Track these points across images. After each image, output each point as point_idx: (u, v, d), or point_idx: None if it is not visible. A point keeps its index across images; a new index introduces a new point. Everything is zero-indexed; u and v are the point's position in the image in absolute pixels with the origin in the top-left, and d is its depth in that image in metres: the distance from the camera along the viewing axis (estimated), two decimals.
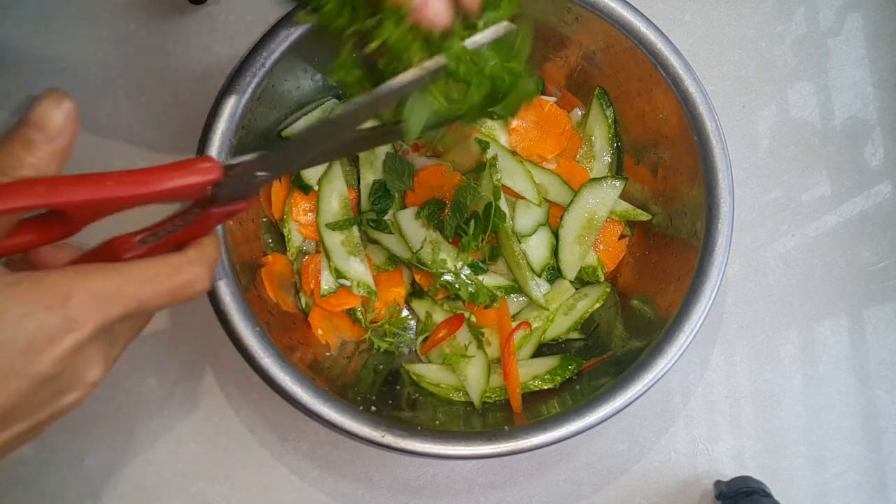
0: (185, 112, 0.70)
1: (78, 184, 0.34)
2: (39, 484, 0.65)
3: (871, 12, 0.77)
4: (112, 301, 0.34)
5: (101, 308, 0.33)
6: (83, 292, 0.33)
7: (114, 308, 0.34)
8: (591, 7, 0.60)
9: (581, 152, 0.70)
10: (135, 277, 0.35)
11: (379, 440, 0.54)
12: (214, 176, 0.37)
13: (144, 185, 0.35)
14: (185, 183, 0.36)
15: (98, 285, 0.34)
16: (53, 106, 0.36)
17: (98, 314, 0.33)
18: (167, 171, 0.36)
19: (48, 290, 0.32)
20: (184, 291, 0.38)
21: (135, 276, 0.35)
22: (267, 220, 0.66)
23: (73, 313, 0.32)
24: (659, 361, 0.57)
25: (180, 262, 0.38)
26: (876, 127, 0.76)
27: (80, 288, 0.33)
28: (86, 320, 0.33)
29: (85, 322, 0.33)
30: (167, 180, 0.36)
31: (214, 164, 0.37)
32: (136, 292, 0.35)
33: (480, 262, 0.66)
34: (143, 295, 0.35)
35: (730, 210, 0.59)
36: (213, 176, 0.37)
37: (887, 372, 0.72)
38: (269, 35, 0.58)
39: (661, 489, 0.68)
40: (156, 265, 0.37)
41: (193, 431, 0.66)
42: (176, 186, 0.36)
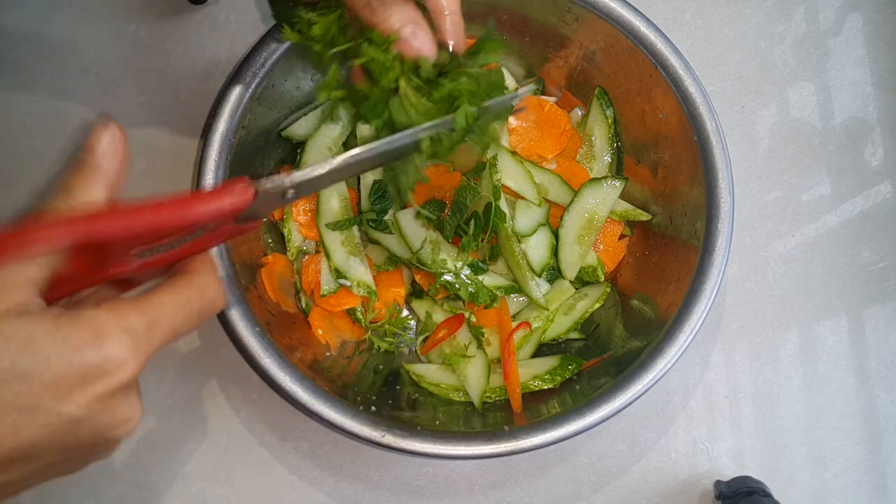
0: (185, 112, 0.70)
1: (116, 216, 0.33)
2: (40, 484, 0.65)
3: (871, 12, 0.77)
4: (151, 336, 0.33)
5: (142, 346, 0.32)
6: (120, 330, 0.32)
7: (153, 343, 0.33)
8: (591, 7, 0.61)
9: (581, 152, 0.70)
10: (168, 306, 0.34)
11: (379, 440, 0.54)
12: (248, 199, 0.37)
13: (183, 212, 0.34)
14: (222, 208, 0.36)
15: (135, 321, 0.32)
16: (101, 129, 0.36)
17: (139, 354, 0.32)
18: (206, 198, 0.35)
19: (82, 326, 0.31)
20: (209, 310, 0.37)
21: (168, 304, 0.34)
22: (267, 220, 0.66)
23: (110, 353, 0.31)
24: (659, 361, 0.57)
25: (203, 281, 0.37)
26: (876, 127, 0.76)
27: (114, 325, 0.31)
28: (125, 361, 0.31)
29: (123, 363, 0.31)
30: (206, 206, 0.35)
31: (248, 185, 0.37)
32: (171, 322, 0.34)
33: (480, 262, 0.66)
34: (177, 323, 0.35)
35: (730, 210, 0.59)
36: (247, 199, 0.37)
37: (887, 372, 0.72)
38: (269, 35, 0.58)
39: (661, 489, 0.68)
40: (184, 289, 0.36)
41: (193, 431, 0.66)
42: (214, 212, 0.36)
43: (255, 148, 0.62)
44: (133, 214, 0.33)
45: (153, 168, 0.69)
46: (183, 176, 0.69)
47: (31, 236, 0.31)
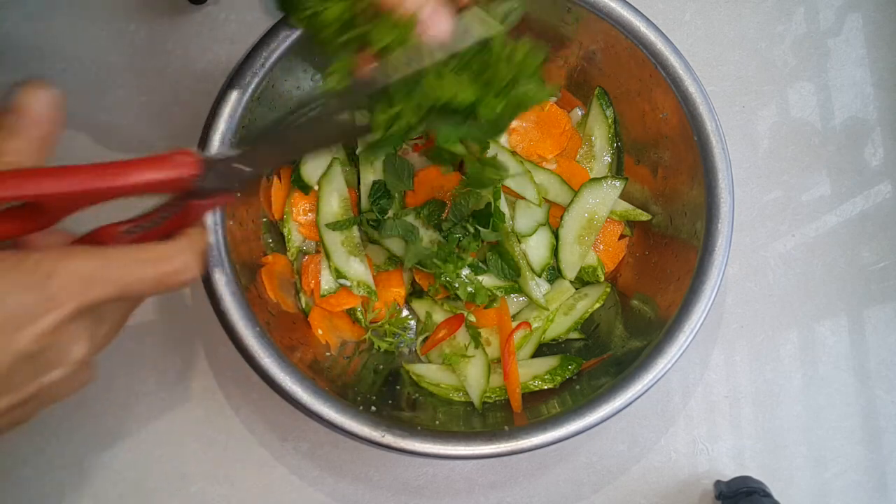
0: (185, 112, 0.70)
1: (52, 176, 0.33)
2: (39, 484, 0.65)
3: (871, 12, 0.77)
4: (95, 282, 0.34)
5: (83, 289, 0.34)
6: (65, 272, 0.33)
7: (95, 290, 0.34)
8: (591, 7, 0.60)
9: (581, 152, 0.70)
10: (119, 261, 0.35)
11: (379, 440, 0.54)
12: (193, 171, 0.37)
13: (120, 177, 0.35)
14: (162, 177, 0.36)
15: (81, 266, 0.34)
16: (36, 92, 0.36)
17: (79, 295, 0.34)
18: (145, 165, 0.36)
19: (30, 269, 0.33)
20: (170, 279, 0.38)
21: (120, 260, 0.35)
22: (267, 220, 0.66)
23: (53, 292, 0.33)
24: (659, 361, 0.57)
25: (168, 249, 0.38)
26: (876, 127, 0.76)
27: (62, 268, 0.33)
28: (66, 300, 0.33)
29: (65, 301, 0.33)
30: (144, 173, 0.35)
31: (193, 158, 0.37)
32: (119, 276, 0.35)
33: (480, 262, 0.66)
34: (127, 279, 0.36)
35: (730, 210, 0.59)
36: (192, 171, 0.37)
37: (887, 372, 0.72)
38: (269, 35, 0.58)
39: (661, 489, 0.68)
40: (143, 251, 0.37)
41: (193, 431, 0.66)
42: (153, 180, 0.36)
43: None
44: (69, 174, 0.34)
45: None
46: None
47: None
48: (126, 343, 0.67)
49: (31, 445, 0.65)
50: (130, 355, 0.67)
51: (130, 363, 0.66)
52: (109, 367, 0.66)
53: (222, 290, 0.55)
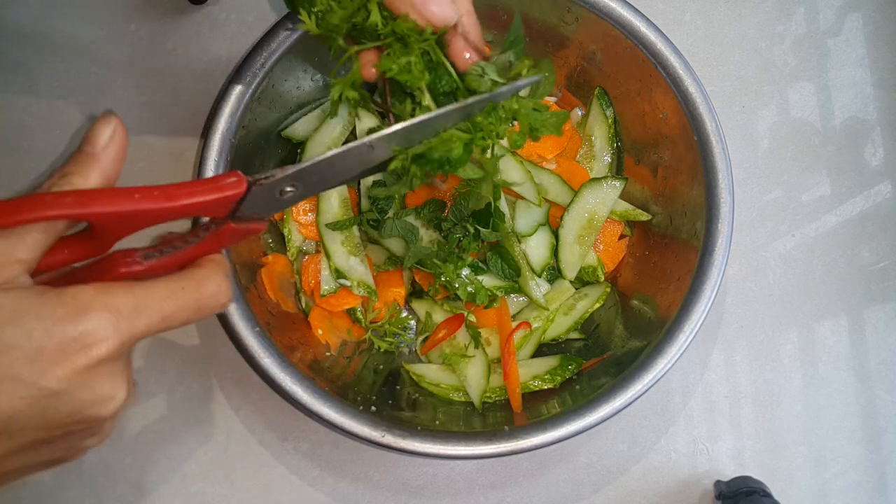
0: (185, 112, 0.70)
1: (104, 196, 0.34)
2: (40, 484, 0.65)
3: (871, 12, 0.77)
4: (135, 318, 0.33)
5: (124, 325, 0.32)
6: (103, 307, 0.32)
7: (138, 325, 0.33)
8: (591, 7, 0.61)
9: (581, 152, 0.70)
10: (160, 293, 0.34)
11: (379, 440, 0.54)
12: (240, 190, 0.37)
13: (171, 199, 0.35)
14: (212, 198, 0.36)
15: (121, 301, 0.33)
16: (102, 123, 0.37)
17: (121, 332, 0.32)
18: (195, 186, 0.36)
19: (65, 302, 0.31)
20: (208, 305, 0.37)
21: (160, 291, 0.34)
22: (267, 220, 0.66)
23: (90, 327, 0.31)
24: (659, 361, 0.57)
25: (203, 274, 0.37)
26: (876, 127, 0.76)
27: (99, 302, 0.32)
28: (105, 337, 0.32)
29: (104, 339, 0.32)
30: (194, 195, 0.36)
31: (240, 178, 0.37)
32: (160, 308, 0.34)
33: (480, 262, 0.66)
34: (168, 310, 0.35)
35: (730, 210, 0.59)
36: (239, 190, 0.37)
37: (887, 372, 0.72)
38: (269, 35, 0.58)
39: (661, 489, 0.68)
40: (180, 279, 0.36)
41: (193, 431, 0.66)
42: (203, 202, 0.36)
43: (255, 148, 0.62)
44: (122, 195, 0.34)
45: (153, 168, 0.69)
46: (183, 176, 0.69)
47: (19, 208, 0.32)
48: None
49: None
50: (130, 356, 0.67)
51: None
52: None
53: None
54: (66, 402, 0.32)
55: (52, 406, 0.31)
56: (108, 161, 0.36)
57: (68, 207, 0.33)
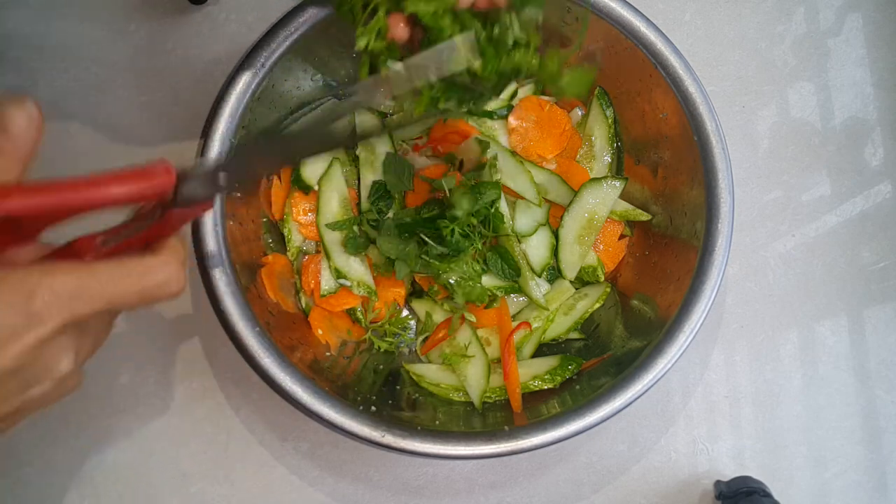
0: (185, 112, 0.70)
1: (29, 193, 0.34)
2: (40, 484, 0.65)
3: (871, 12, 0.77)
4: (78, 299, 0.34)
5: (66, 305, 0.34)
6: (48, 289, 0.33)
7: (79, 306, 0.34)
8: (591, 7, 0.60)
9: (581, 152, 0.70)
10: (103, 276, 0.35)
11: (379, 440, 0.54)
12: (169, 182, 0.37)
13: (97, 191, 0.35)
14: (139, 190, 0.36)
15: (65, 282, 0.34)
16: (16, 108, 0.36)
17: (64, 311, 0.34)
18: (121, 178, 0.36)
19: (12, 287, 0.33)
20: (155, 292, 0.38)
21: (103, 275, 0.35)
22: (267, 220, 0.66)
23: (36, 309, 0.33)
24: (659, 361, 0.57)
25: (153, 262, 0.38)
26: (876, 127, 0.76)
27: (45, 285, 0.33)
28: (50, 317, 0.33)
29: (48, 319, 0.33)
30: (120, 186, 0.35)
31: (170, 169, 0.37)
32: (103, 291, 0.35)
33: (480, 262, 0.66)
34: (112, 294, 0.36)
35: (730, 210, 0.59)
36: (168, 182, 0.37)
37: (887, 372, 0.72)
38: (269, 35, 0.58)
39: (661, 489, 0.68)
40: (127, 265, 0.37)
41: (193, 431, 0.66)
42: (129, 193, 0.36)
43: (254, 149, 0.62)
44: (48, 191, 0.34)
45: None
46: None
47: None
48: (126, 344, 0.67)
49: (32, 446, 0.65)
50: (130, 356, 0.67)
51: (130, 363, 0.66)
52: (110, 368, 0.66)
53: (222, 290, 0.55)
54: (17, 377, 0.34)
55: (7, 383, 0.34)
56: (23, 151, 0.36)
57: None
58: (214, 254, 0.55)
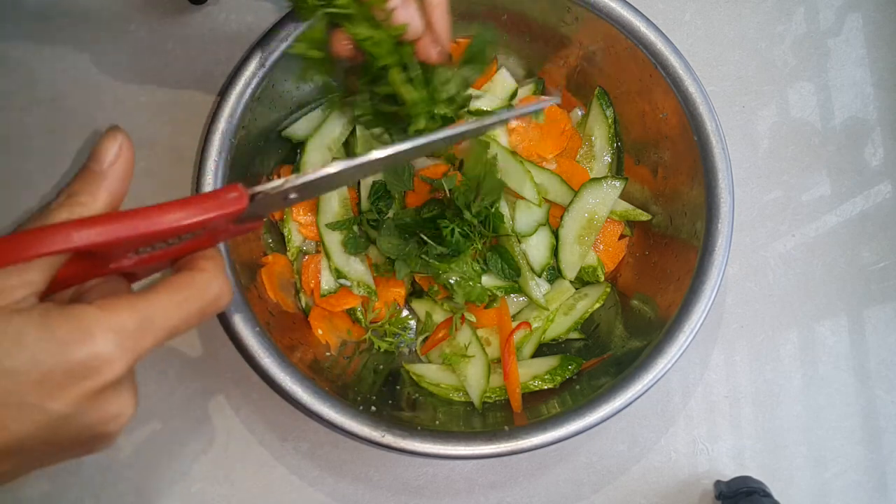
0: (185, 112, 0.70)
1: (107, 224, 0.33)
2: (40, 484, 0.65)
3: (871, 12, 0.77)
4: (142, 335, 0.33)
5: (130, 345, 0.32)
6: (109, 329, 0.31)
7: (144, 343, 0.33)
8: (591, 7, 0.60)
9: (581, 152, 0.70)
10: (162, 305, 0.34)
11: (379, 440, 0.54)
12: (241, 206, 0.37)
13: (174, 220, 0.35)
14: (214, 216, 0.36)
15: (126, 320, 0.32)
16: (109, 139, 0.36)
17: (127, 352, 0.32)
18: (197, 205, 0.36)
19: (70, 324, 0.31)
20: (211, 309, 0.37)
21: (163, 304, 0.34)
22: (267, 220, 0.66)
23: (97, 350, 0.31)
24: (659, 361, 0.57)
25: (204, 279, 0.36)
26: (876, 127, 0.76)
27: (104, 324, 0.31)
28: (112, 359, 0.31)
29: (110, 361, 0.31)
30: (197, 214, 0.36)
31: (242, 194, 0.37)
32: (165, 322, 0.34)
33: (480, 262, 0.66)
34: (173, 323, 0.34)
35: (730, 210, 0.59)
36: (240, 206, 0.37)
37: (887, 372, 0.72)
38: (269, 35, 0.58)
39: (661, 489, 0.68)
40: (182, 289, 0.35)
41: (193, 431, 0.66)
42: (204, 220, 0.36)
43: (255, 148, 0.62)
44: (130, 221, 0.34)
45: (153, 168, 0.69)
46: (183, 176, 0.69)
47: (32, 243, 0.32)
48: None
49: None
50: None
51: None
52: None
53: None
54: (75, 425, 0.32)
55: (60, 428, 0.31)
56: (115, 179, 0.36)
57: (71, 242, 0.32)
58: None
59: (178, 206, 0.35)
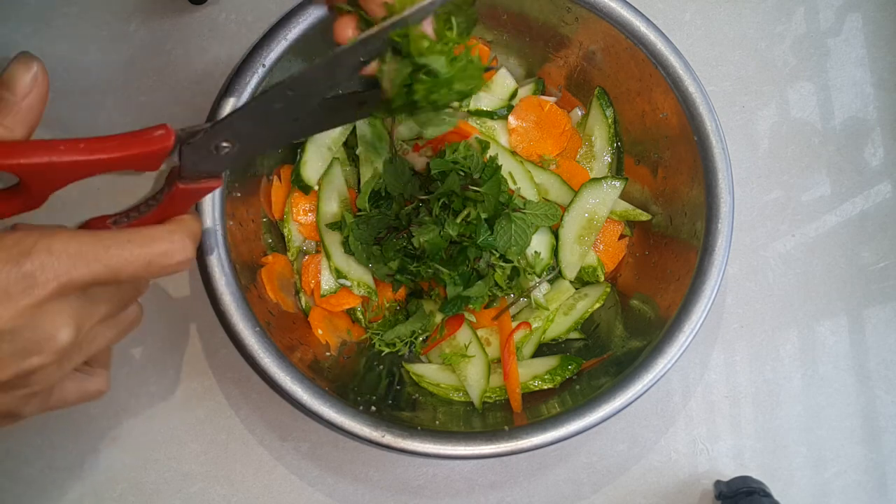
0: (185, 112, 0.70)
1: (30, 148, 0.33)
2: (41, 483, 0.65)
3: (871, 12, 0.77)
4: (79, 261, 0.33)
5: (64, 268, 0.33)
6: (45, 250, 0.32)
7: (79, 269, 0.33)
8: (591, 7, 0.60)
9: (581, 152, 0.70)
10: (106, 242, 0.35)
11: (379, 440, 0.54)
12: (168, 143, 0.36)
13: (96, 151, 0.35)
14: (139, 151, 0.36)
15: (62, 245, 0.33)
16: (22, 67, 0.36)
17: (60, 275, 0.33)
18: (121, 139, 0.35)
19: (7, 246, 0.32)
20: (161, 261, 0.37)
21: (106, 240, 0.35)
22: (267, 220, 0.66)
23: (31, 269, 0.32)
24: (659, 361, 0.57)
25: (157, 231, 0.37)
26: (876, 127, 0.76)
27: (42, 246, 0.32)
28: (47, 278, 0.32)
29: (46, 280, 0.32)
30: (120, 149, 0.35)
31: (168, 131, 0.37)
32: (106, 256, 0.34)
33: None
34: (115, 259, 0.35)
35: (730, 210, 0.59)
36: (167, 143, 0.36)
37: (887, 372, 0.72)
38: (269, 35, 0.58)
39: (661, 489, 0.68)
40: (129, 232, 0.36)
41: (193, 431, 0.66)
42: (130, 154, 0.35)
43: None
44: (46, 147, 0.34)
45: None
46: None
47: None
48: (126, 343, 0.67)
49: (32, 445, 0.65)
50: (130, 355, 0.67)
51: (130, 363, 0.66)
52: None
53: (222, 290, 0.55)
54: (11, 342, 0.32)
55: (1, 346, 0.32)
56: (30, 110, 0.36)
57: None
58: (214, 254, 0.55)
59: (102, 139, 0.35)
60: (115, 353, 0.66)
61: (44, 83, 0.37)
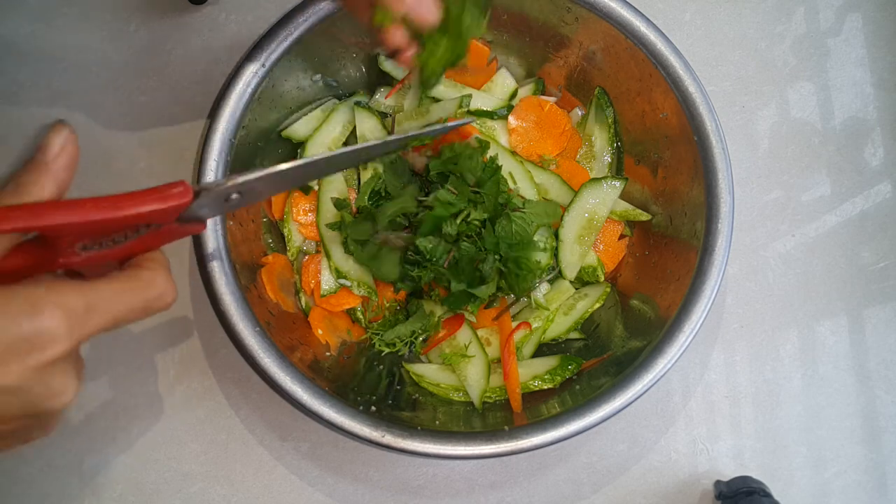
0: (185, 112, 0.70)
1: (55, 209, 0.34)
2: (40, 483, 0.65)
3: (871, 12, 0.77)
4: (88, 318, 0.34)
5: (77, 324, 0.33)
6: (56, 306, 0.33)
7: (89, 324, 0.34)
8: (591, 7, 0.61)
9: (581, 152, 0.70)
10: (108, 294, 0.36)
11: (379, 440, 0.54)
12: (187, 199, 0.38)
13: (119, 209, 0.36)
14: (159, 208, 0.37)
15: (73, 301, 0.34)
16: (54, 133, 0.38)
17: (73, 331, 0.33)
18: (142, 197, 0.37)
19: (18, 300, 0.32)
20: (155, 305, 0.38)
21: (108, 292, 0.36)
22: (267, 220, 0.66)
23: (44, 326, 0.32)
24: (659, 361, 0.57)
25: (149, 276, 0.38)
26: (876, 127, 0.76)
27: (52, 301, 0.33)
28: (58, 336, 0.33)
29: (57, 338, 0.33)
30: (142, 205, 0.37)
31: (187, 188, 0.39)
32: (110, 308, 0.35)
33: None
34: (119, 310, 0.36)
35: (730, 210, 0.59)
36: (185, 200, 0.38)
37: (887, 372, 0.72)
38: (268, 35, 0.58)
39: (661, 489, 0.68)
40: (128, 281, 0.37)
41: (193, 431, 0.66)
42: (150, 211, 0.37)
43: (255, 148, 0.62)
44: (71, 208, 0.35)
45: (153, 168, 0.69)
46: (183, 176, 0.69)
47: None
48: (126, 344, 0.67)
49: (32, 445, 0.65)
50: (130, 356, 0.67)
51: (130, 364, 0.66)
52: (110, 369, 0.66)
53: (222, 290, 0.55)
54: (20, 398, 0.33)
55: (6, 402, 0.33)
56: (60, 169, 0.38)
57: (21, 221, 0.34)
58: (214, 254, 0.55)
59: (124, 196, 0.36)
60: (115, 354, 0.66)
61: (73, 147, 0.39)
